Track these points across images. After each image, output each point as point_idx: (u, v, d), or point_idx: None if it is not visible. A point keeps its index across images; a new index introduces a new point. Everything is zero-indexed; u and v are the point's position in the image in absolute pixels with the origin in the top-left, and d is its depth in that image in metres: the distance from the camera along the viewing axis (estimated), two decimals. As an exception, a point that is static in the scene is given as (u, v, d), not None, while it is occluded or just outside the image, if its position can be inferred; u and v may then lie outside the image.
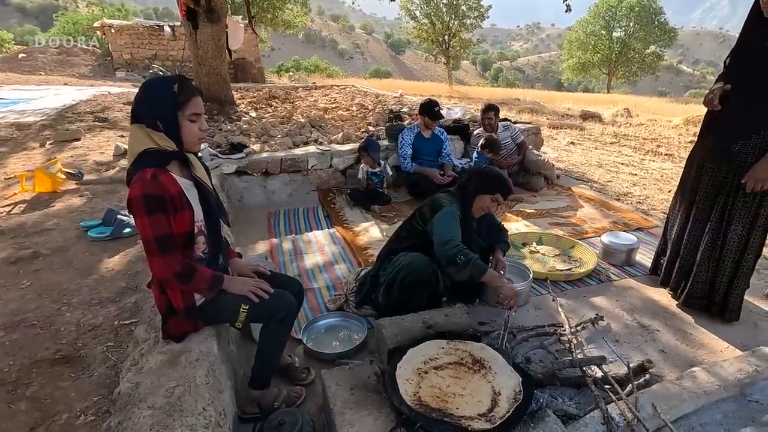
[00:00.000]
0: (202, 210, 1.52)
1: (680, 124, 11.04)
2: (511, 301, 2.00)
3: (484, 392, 1.60)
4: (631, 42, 31.45)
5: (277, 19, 21.93)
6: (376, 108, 7.82)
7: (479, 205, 2.23)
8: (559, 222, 3.66)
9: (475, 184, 2.23)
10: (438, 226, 2.09)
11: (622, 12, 31.62)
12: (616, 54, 31.60)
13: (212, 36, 7.12)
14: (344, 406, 1.55)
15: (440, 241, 2.04)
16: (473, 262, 1.96)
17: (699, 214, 2.23)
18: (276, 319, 1.61)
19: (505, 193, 2.24)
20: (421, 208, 2.28)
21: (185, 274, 1.43)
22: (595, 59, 32.25)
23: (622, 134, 9.63)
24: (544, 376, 1.82)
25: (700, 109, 14.11)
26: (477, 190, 2.21)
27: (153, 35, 15.85)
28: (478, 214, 2.26)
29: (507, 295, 2.00)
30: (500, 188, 2.21)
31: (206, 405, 1.27)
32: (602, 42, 31.89)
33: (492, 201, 2.21)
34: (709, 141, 2.17)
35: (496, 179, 2.24)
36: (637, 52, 31.73)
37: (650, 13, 31.49)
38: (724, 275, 2.19)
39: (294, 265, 2.98)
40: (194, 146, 1.49)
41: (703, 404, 1.72)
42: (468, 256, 1.96)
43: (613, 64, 31.89)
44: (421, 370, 1.70)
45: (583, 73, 34.15)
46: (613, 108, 13.82)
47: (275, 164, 4.13)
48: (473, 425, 1.41)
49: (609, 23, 32.01)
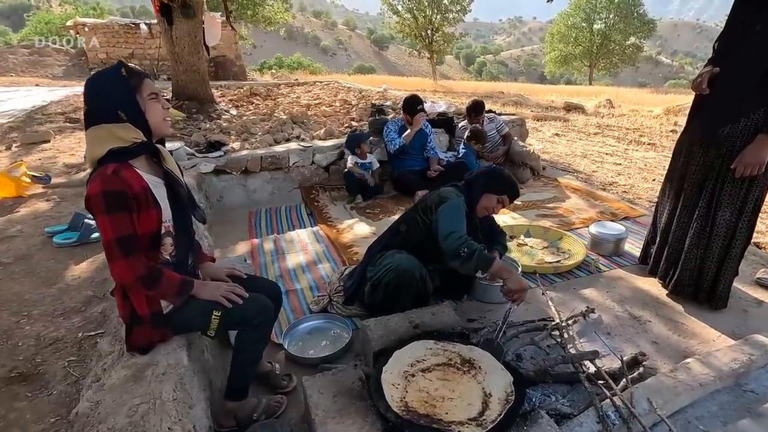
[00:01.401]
0: (171, 209, 1.40)
1: (661, 114, 11.22)
2: (517, 294, 1.85)
3: (474, 394, 1.52)
4: (611, 34, 31.81)
5: (257, 15, 21.51)
6: (360, 104, 7.70)
7: (484, 205, 2.13)
8: (546, 213, 3.61)
9: (484, 182, 2.12)
10: (443, 218, 1.98)
11: (602, 4, 31.94)
12: (597, 46, 31.94)
13: (188, 32, 6.90)
14: (326, 415, 1.45)
15: (444, 232, 1.92)
16: (478, 253, 1.84)
17: (687, 200, 2.19)
18: (251, 325, 1.50)
19: (513, 196, 2.14)
20: (424, 200, 2.17)
21: (150, 278, 1.32)
22: (576, 51, 32.55)
23: (605, 125, 9.71)
24: (536, 374, 1.76)
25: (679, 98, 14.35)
26: (484, 189, 2.11)
27: (129, 33, 15.41)
28: (481, 213, 2.16)
29: (513, 288, 1.85)
30: (509, 190, 2.12)
31: (172, 424, 1.17)
32: (583, 34, 32.19)
33: (498, 202, 2.12)
34: (697, 126, 2.13)
35: (506, 180, 2.14)
36: (618, 44, 32.11)
37: (629, 4, 31.87)
38: (712, 261, 2.15)
39: (275, 266, 2.87)
40: (163, 127, 1.37)
41: (699, 397, 1.67)
42: (472, 248, 1.85)
43: (595, 56, 32.23)
44: (408, 373, 1.62)
45: (565, 65, 34.45)
46: (595, 99, 13.96)
47: (255, 162, 3.99)
48: (464, 431, 1.33)
49: (590, 15, 32.31)
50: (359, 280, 2.23)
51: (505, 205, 2.14)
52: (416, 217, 2.14)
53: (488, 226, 2.29)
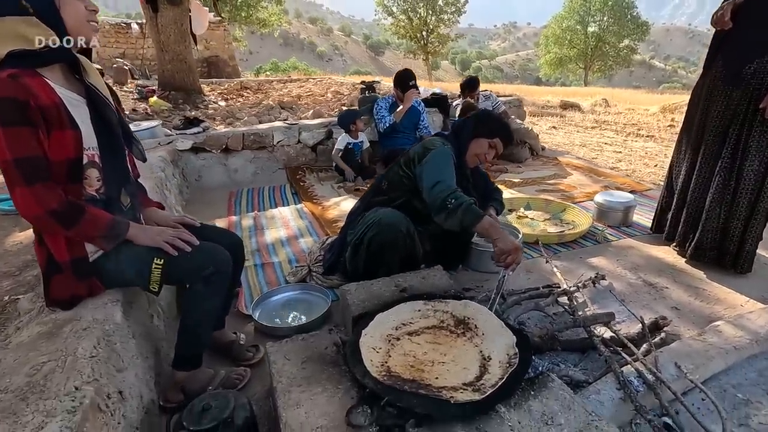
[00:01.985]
0: (96, 135, 1.15)
1: (657, 112, 11.09)
2: (510, 256, 1.53)
3: (471, 358, 1.26)
4: (605, 36, 31.87)
5: (251, 17, 21.37)
6: (352, 93, 7.49)
7: (474, 152, 1.87)
8: (546, 189, 3.37)
9: (472, 126, 1.87)
10: (428, 167, 1.74)
11: (596, 7, 32.03)
12: (592, 48, 31.98)
13: (174, 20, 6.68)
14: (291, 382, 1.20)
15: (430, 183, 1.68)
16: (465, 206, 1.59)
17: (708, 152, 1.95)
18: (202, 278, 1.24)
19: (506, 139, 1.88)
20: (407, 153, 1.91)
21: (66, 213, 1.06)
22: (571, 54, 32.57)
23: (602, 120, 9.54)
24: (542, 340, 1.50)
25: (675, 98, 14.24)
26: (474, 133, 1.86)
27: (120, 33, 15.16)
28: (472, 162, 1.90)
29: (504, 248, 1.54)
30: (500, 131, 1.86)
31: (83, 383, 0.91)
32: (578, 37, 32.25)
33: (489, 147, 1.86)
34: (718, 66, 1.90)
35: (496, 121, 1.89)
36: (612, 46, 32.17)
37: (623, 7, 31.98)
38: (738, 220, 1.91)
39: (252, 240, 2.61)
40: (84, 29, 1.10)
41: (734, 361, 1.42)
42: (460, 199, 1.60)
43: (589, 59, 32.27)
44: (392, 336, 1.36)
45: (560, 68, 34.44)
46: (591, 99, 13.83)
47: (236, 140, 3.74)
48: (457, 396, 1.08)
49: (584, 18, 32.38)
50: (339, 247, 1.98)
51: (499, 152, 1.88)
52: (399, 172, 1.88)
53: (482, 181, 2.05)
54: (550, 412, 1.06)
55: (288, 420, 1.07)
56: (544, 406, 1.08)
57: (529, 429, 1.01)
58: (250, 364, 1.52)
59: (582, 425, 1.02)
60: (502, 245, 1.55)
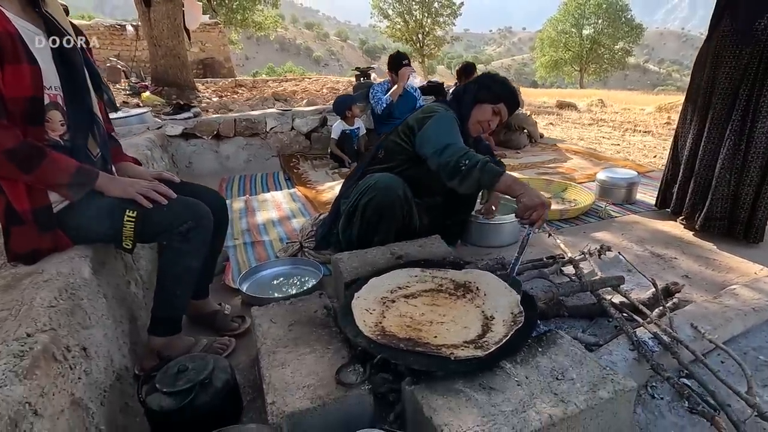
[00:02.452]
0: (58, 72, 1.05)
1: (653, 111, 11.08)
2: (535, 212, 1.35)
3: (472, 318, 1.17)
4: (600, 38, 32.05)
5: (247, 20, 21.37)
6: (348, 88, 7.42)
7: (477, 118, 1.74)
8: (547, 172, 3.29)
9: (475, 92, 1.73)
10: (432, 131, 1.60)
11: (591, 10, 32.24)
12: (587, 51, 32.14)
13: (167, 14, 6.60)
14: (277, 344, 1.10)
15: (438, 146, 1.53)
16: (481, 164, 1.44)
17: (717, 116, 1.87)
18: (179, 233, 1.14)
19: (511, 105, 1.75)
20: (405, 121, 1.77)
21: (24, 155, 0.96)
22: (566, 56, 32.71)
23: (599, 118, 9.50)
24: (547, 306, 1.41)
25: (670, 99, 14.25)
26: (476, 99, 1.72)
27: (114, 35, 15.08)
28: (475, 131, 1.77)
29: (530, 204, 1.35)
30: (505, 96, 1.72)
31: (36, 331, 0.81)
32: (573, 39, 32.42)
33: (494, 114, 1.73)
34: (725, 26, 1.82)
35: (500, 85, 1.74)
36: (607, 48, 32.34)
37: (617, 9, 32.21)
38: (749, 186, 1.82)
39: (243, 221, 2.51)
40: None
41: (754, 324, 1.33)
42: (474, 158, 1.46)
43: (585, 61, 32.41)
44: (387, 299, 1.27)
45: (556, 70, 34.56)
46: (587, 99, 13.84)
47: (228, 126, 3.65)
48: (458, 353, 0.98)
49: (578, 21, 32.57)
50: (332, 217, 1.87)
51: (503, 119, 1.78)
52: (396, 140, 1.77)
53: (485, 153, 1.95)
54: (560, 367, 0.96)
55: (272, 380, 0.97)
56: (554, 362, 0.98)
57: (538, 384, 0.92)
58: (235, 334, 1.42)
59: (596, 379, 0.92)
60: (527, 200, 1.37)
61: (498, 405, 0.87)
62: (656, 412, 1.09)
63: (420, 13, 24.80)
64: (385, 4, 24.83)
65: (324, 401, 0.91)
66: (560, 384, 0.91)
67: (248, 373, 1.25)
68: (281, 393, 0.94)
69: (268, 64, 44.22)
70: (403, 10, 24.60)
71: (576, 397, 0.88)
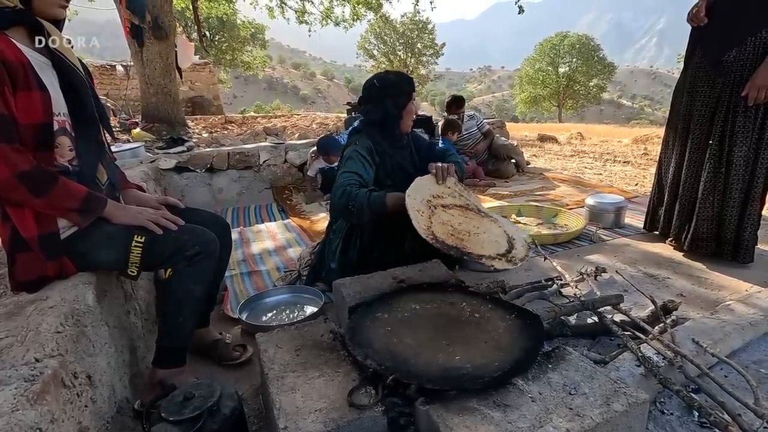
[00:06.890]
0: (65, 99, 1.07)
1: (630, 143, 11.59)
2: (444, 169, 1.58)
3: (499, 233, 1.48)
4: (575, 76, 33.72)
5: (236, 60, 21.97)
6: (338, 123, 7.59)
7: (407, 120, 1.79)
8: (536, 199, 3.37)
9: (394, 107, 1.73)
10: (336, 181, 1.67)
11: (565, 50, 34.07)
12: (563, 87, 33.69)
13: (159, 54, 6.75)
14: (285, 369, 1.08)
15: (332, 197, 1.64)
16: (366, 199, 1.52)
17: (696, 141, 1.97)
18: (186, 258, 1.14)
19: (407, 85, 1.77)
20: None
21: (37, 179, 0.97)
22: (544, 93, 34.19)
23: (580, 150, 9.87)
24: (550, 325, 1.42)
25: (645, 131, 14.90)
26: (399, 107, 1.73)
27: (104, 75, 15.31)
28: (407, 128, 1.82)
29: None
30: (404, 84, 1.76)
31: (44, 356, 0.79)
32: (550, 77, 34.02)
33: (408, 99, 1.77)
34: (697, 59, 1.96)
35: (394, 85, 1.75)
36: (582, 85, 33.98)
37: (590, 49, 34.11)
38: (732, 207, 1.90)
39: (239, 252, 2.49)
40: (50, 6, 1.06)
41: (752, 338, 1.36)
42: (358, 198, 1.53)
43: (562, 97, 33.90)
44: (431, 203, 1.47)
45: (535, 105, 36.00)
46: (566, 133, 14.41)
47: (222, 159, 3.68)
48: (495, 264, 1.31)
49: (554, 60, 34.32)
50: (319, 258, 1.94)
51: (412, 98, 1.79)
52: None
53: (425, 146, 1.97)
54: (572, 382, 0.97)
55: (282, 404, 0.95)
56: (565, 378, 0.99)
57: (551, 399, 0.92)
58: (237, 363, 1.39)
59: (609, 392, 0.93)
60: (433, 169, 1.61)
61: (514, 422, 0.86)
62: (667, 427, 1.09)
63: (404, 53, 25.85)
64: (370, 45, 25.87)
65: (338, 424, 0.90)
66: (573, 398, 0.92)
67: (252, 402, 1.22)
68: (293, 417, 0.92)
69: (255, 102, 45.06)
70: (387, 50, 25.64)
71: (591, 411, 0.88)
